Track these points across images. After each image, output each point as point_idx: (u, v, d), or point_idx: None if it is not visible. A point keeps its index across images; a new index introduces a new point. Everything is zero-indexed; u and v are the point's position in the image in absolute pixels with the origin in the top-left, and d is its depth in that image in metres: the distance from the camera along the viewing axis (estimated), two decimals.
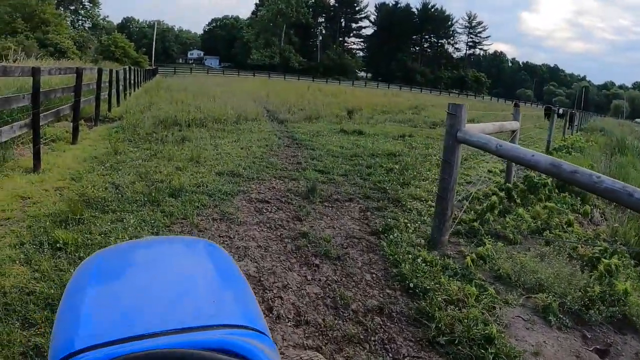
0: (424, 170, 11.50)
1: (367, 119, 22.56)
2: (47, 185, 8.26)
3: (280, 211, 7.73)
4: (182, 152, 11.50)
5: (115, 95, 21.74)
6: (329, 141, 14.68)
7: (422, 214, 8.08)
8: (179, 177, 8.96)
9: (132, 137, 13.39)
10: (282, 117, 20.76)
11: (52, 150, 11.40)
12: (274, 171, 10.36)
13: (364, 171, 10.88)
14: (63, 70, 12.39)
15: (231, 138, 14.20)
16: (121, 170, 9.45)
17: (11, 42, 49.87)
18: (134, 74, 32.20)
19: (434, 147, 15.37)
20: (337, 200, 8.56)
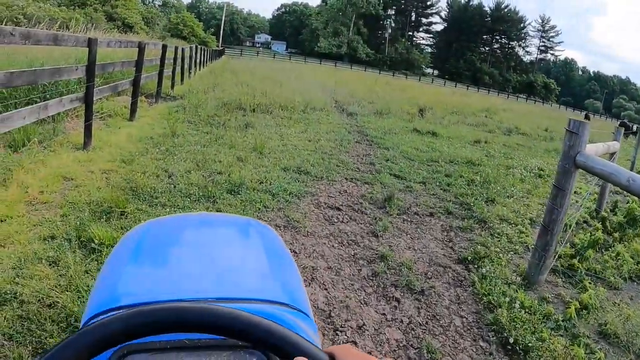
0: (508, 185, 10.30)
1: (439, 119, 21.21)
2: (94, 166, 7.51)
3: (353, 222, 6.68)
4: (245, 139, 10.58)
5: (179, 73, 21.04)
6: (402, 141, 13.52)
7: (513, 241, 6.95)
8: (239, 169, 8.04)
9: (193, 119, 12.56)
10: (352, 109, 19.61)
11: (106, 126, 10.73)
12: (345, 171, 9.31)
13: (444, 180, 9.76)
14: (124, 43, 11.51)
15: (298, 128, 13.24)
16: (177, 155, 8.60)
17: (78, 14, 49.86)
18: (200, 52, 31.57)
19: (514, 157, 14.09)
20: (416, 214, 7.48)
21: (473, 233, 7.04)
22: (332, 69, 71.89)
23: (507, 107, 41.47)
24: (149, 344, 1.16)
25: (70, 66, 7.90)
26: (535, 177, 11.72)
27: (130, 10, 67.44)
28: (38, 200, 5.91)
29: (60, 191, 6.33)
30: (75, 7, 58.66)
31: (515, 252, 6.54)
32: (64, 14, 40.76)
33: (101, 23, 47.54)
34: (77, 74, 8.08)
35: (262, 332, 0.93)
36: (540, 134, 22.71)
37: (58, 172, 6.92)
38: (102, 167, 7.45)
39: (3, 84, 5.58)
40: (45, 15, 35.20)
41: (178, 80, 20.50)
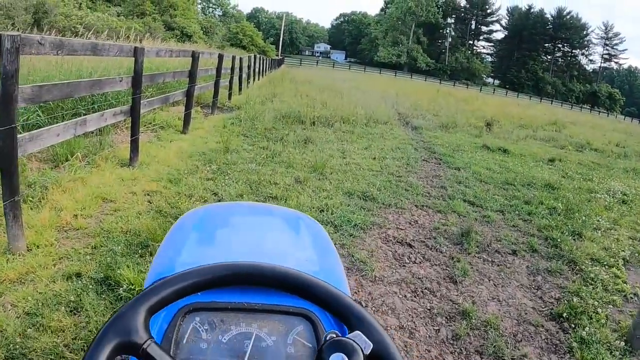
0: (592, 213, 9.15)
1: (507, 134, 20.03)
2: (137, 185, 6.85)
3: (426, 263, 5.73)
4: (304, 157, 9.75)
5: (237, 83, 20.46)
6: (473, 159, 12.47)
7: (609, 289, 5.89)
8: (298, 194, 7.20)
9: (249, 132, 11.85)
10: (416, 122, 18.57)
11: (158, 138, 10.15)
12: (415, 197, 8.33)
13: (523, 208, 8.68)
14: (175, 53, 10.82)
15: (361, 144, 12.29)
16: (229, 175, 7.84)
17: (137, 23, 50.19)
18: (259, 62, 31.08)
19: (592, 178, 12.86)
20: (497, 252, 6.47)
21: (563, 277, 6.04)
22: (392, 78, 71.04)
23: (574, 120, 40.03)
24: (211, 304, 1.29)
25: (112, 78, 7.17)
26: (620, 204, 10.54)
27: (189, 20, 67.97)
28: (71, 226, 5.29)
29: (97, 215, 5.71)
30: (134, 17, 59.25)
31: (613, 305, 5.49)
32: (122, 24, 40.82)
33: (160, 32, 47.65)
34: (121, 85, 7.35)
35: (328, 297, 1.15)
36: (613, 150, 21.33)
37: (97, 192, 6.29)
38: (146, 188, 6.75)
39: (31, 99, 4.84)
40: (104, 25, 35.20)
41: (236, 90, 20.02)
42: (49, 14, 40.23)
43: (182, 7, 71.21)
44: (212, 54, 15.95)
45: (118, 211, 5.85)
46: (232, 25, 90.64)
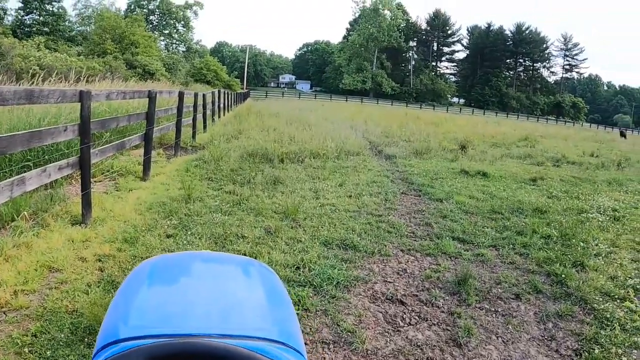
0: (589, 237, 8.53)
1: (482, 154, 19.52)
2: (89, 249, 6.07)
3: (423, 323, 4.98)
4: (274, 201, 8.99)
5: (202, 120, 19.75)
6: (453, 188, 11.77)
7: (627, 329, 5.26)
8: (269, 249, 6.40)
9: (214, 175, 11.11)
10: (389, 151, 17.86)
11: (115, 188, 9.37)
12: (399, 239, 7.56)
13: (517, 240, 8.00)
14: (129, 94, 10.03)
15: (334, 180, 11.50)
16: (191, 230, 7.06)
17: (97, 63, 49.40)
18: (223, 97, 30.53)
19: (578, 196, 12.33)
20: (499, 299, 5.75)
21: (576, 321, 5.37)
22: (359, 105, 70.88)
23: (544, 133, 40.18)
24: None
25: (54, 127, 6.39)
26: (613, 221, 10.02)
27: (151, 57, 67.09)
28: (10, 306, 4.61)
29: (41, 290, 4.99)
30: (94, 57, 58.36)
31: (636, 347, 4.88)
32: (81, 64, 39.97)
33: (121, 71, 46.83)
34: (66, 135, 6.59)
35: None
36: (590, 162, 21.08)
37: (44, 260, 5.57)
38: (98, 251, 5.98)
39: None
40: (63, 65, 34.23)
41: (200, 127, 19.44)
42: (6, 56, 39.31)
43: (144, 44, 70.52)
44: (172, 92, 15.19)
45: (65, 283, 5.12)
46: (196, 60, 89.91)
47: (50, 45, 63.06)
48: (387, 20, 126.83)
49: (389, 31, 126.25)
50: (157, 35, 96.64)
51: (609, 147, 32.05)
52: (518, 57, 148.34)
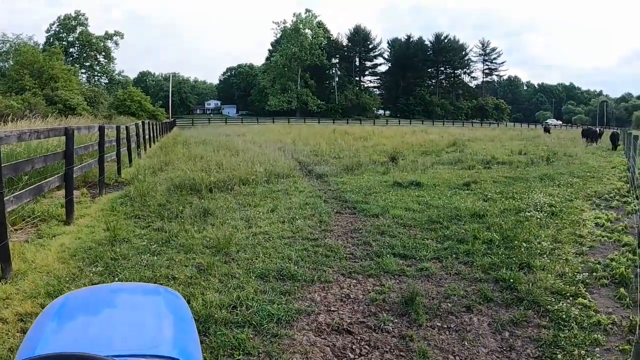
0: (531, 236, 8.56)
1: (413, 164, 19.51)
2: (9, 308, 5.51)
3: (375, 352, 4.71)
4: (204, 235, 8.54)
5: (127, 154, 19.11)
6: (388, 201, 11.60)
7: (584, 326, 5.19)
8: (202, 290, 5.96)
9: (141, 212, 10.56)
10: (319, 170, 17.60)
11: (38, 236, 8.72)
12: (339, 262, 7.26)
13: (459, 249, 7.86)
14: (43, 133, 9.44)
15: (266, 207, 11.07)
16: (119, 276, 6.56)
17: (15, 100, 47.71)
18: (148, 128, 29.77)
19: (513, 195, 12.49)
20: (450, 314, 5.54)
21: (532, 326, 5.26)
22: (286, 125, 70.68)
23: (471, 136, 40.99)
24: None
25: None
26: (550, 217, 10.23)
27: (71, 92, 65.32)
28: None
29: None
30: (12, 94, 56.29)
31: (597, 344, 4.84)
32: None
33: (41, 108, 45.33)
34: None
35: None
36: (520, 160, 21.73)
37: None
38: (20, 310, 5.44)
39: None
40: None
41: (126, 161, 18.72)
42: None
43: (64, 78, 68.51)
44: (92, 127, 14.62)
45: None
46: (119, 92, 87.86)
47: None
48: (308, 39, 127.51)
49: (311, 50, 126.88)
50: (78, 68, 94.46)
51: (535, 144, 32.89)
52: (439, 66, 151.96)
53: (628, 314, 5.57)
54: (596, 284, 6.53)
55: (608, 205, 12.02)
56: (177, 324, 2.14)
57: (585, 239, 8.71)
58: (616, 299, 6.03)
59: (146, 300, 2.40)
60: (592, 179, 16.57)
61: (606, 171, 19.33)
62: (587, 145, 36.17)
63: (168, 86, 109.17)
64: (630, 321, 5.29)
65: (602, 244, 8.57)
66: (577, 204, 11.76)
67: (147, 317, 2.13)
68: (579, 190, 13.74)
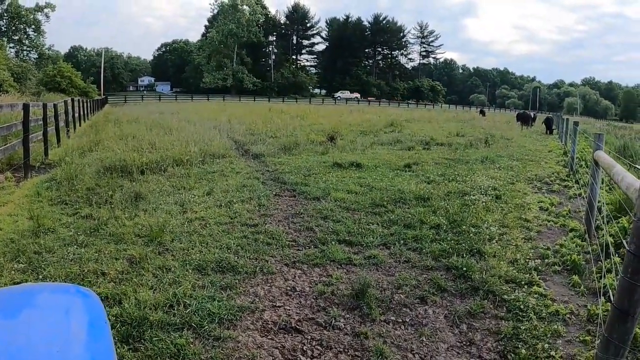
0: (478, 221, 8.41)
1: (352, 144, 19.26)
2: None
3: (328, 353, 4.36)
4: (136, 222, 7.95)
5: (54, 134, 18.18)
6: (329, 184, 11.23)
7: (543, 316, 5.05)
8: (135, 287, 5.45)
9: (68, 197, 9.86)
10: (256, 150, 17.11)
11: None
12: (281, 251, 6.85)
13: (407, 235, 7.58)
14: None
15: (201, 189, 10.54)
16: (43, 272, 5.93)
17: None
18: (78, 105, 28.54)
19: (456, 178, 12.40)
20: (404, 307, 5.25)
21: (490, 317, 5.06)
22: (221, 103, 69.35)
23: (408, 117, 41.11)
24: None
25: None
26: (495, 200, 10.12)
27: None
28: None
29: None
30: None
31: (558, 336, 4.69)
32: None
33: None
34: None
35: None
36: (459, 142, 21.85)
37: None
38: None
39: None
40: None
41: (55, 142, 17.79)
42: None
43: None
44: (15, 105, 13.68)
45: None
46: (48, 67, 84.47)
47: None
48: (246, 15, 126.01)
49: (249, 27, 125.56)
50: (6, 42, 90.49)
51: (471, 126, 33.14)
52: (377, 47, 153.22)
53: (584, 302, 5.43)
54: (548, 270, 6.39)
55: (549, 189, 11.99)
56: (90, 334, 1.91)
57: (532, 224, 8.59)
58: (570, 287, 5.89)
59: (55, 305, 2.12)
60: (530, 162, 16.65)
61: (543, 154, 19.53)
62: (522, 128, 36.73)
63: (100, 62, 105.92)
64: (588, 311, 5.13)
65: (549, 228, 8.46)
66: (520, 187, 11.70)
67: (55, 326, 1.87)
68: (519, 174, 13.73)
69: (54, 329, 1.85)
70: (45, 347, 1.68)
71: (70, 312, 2.05)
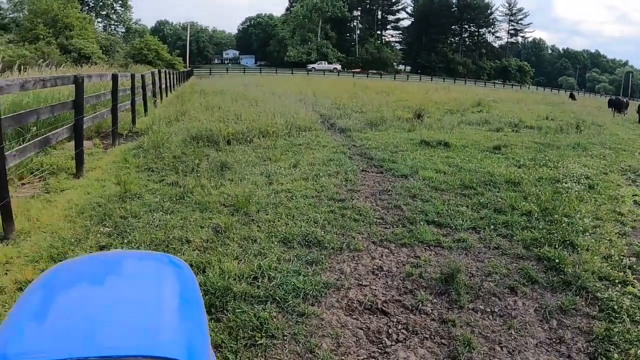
0: (570, 210, 7.81)
1: (438, 122, 18.73)
2: (9, 275, 4.97)
3: (414, 338, 4.09)
4: (221, 191, 7.91)
5: (142, 103, 18.52)
6: (417, 162, 10.85)
7: (636, 319, 4.56)
8: (219, 257, 5.35)
9: (155, 164, 9.95)
10: (342, 124, 16.86)
11: (45, 190, 8.10)
12: (368, 228, 6.59)
13: (497, 220, 7.14)
14: (50, 81, 8.63)
15: (287, 161, 10.42)
16: (128, 237, 5.95)
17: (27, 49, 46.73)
18: (165, 76, 29.00)
19: (547, 163, 11.70)
20: (494, 295, 4.90)
21: (581, 315, 4.63)
22: (305, 77, 69.28)
23: (495, 97, 39.74)
24: None
25: None
26: (589, 190, 9.40)
27: (86, 40, 63.96)
28: None
29: None
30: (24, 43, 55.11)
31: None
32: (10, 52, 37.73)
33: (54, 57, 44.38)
34: None
35: None
36: (549, 126, 20.61)
37: None
38: (19, 277, 4.86)
39: None
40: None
41: (141, 111, 18.05)
42: None
43: (79, 26, 66.70)
44: (104, 75, 13.86)
45: None
46: (135, 40, 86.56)
47: None
48: None
49: (333, 1, 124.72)
50: (94, 17, 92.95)
51: (561, 110, 31.81)
52: (463, 23, 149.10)
53: None
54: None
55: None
56: (184, 308, 1.85)
57: (627, 218, 7.88)
58: None
59: (148, 275, 2.09)
60: (623, 151, 15.52)
61: (637, 144, 18.36)
62: (614, 115, 34.97)
63: (186, 35, 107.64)
64: None
65: None
66: (613, 178, 10.85)
67: (146, 299, 1.84)
68: (612, 163, 12.71)
69: (148, 304, 1.82)
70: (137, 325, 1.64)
71: (165, 285, 2.01)
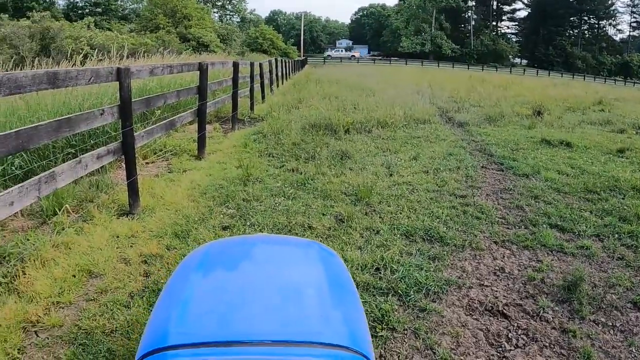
0: None
1: (558, 120, 17.98)
2: (134, 247, 5.24)
3: (533, 345, 3.96)
4: (342, 180, 8.00)
5: (259, 90, 19.05)
6: (538, 161, 10.47)
7: None
8: (343, 244, 5.41)
9: (275, 150, 10.22)
10: (460, 118, 16.54)
11: (168, 170, 8.55)
12: (490, 227, 6.44)
13: (621, 229, 6.71)
14: (176, 68, 8.96)
15: (407, 153, 10.34)
16: (250, 220, 6.14)
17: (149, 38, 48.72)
18: (281, 65, 29.67)
19: None
20: (615, 309, 4.63)
21: None
22: (419, 68, 68.63)
23: (617, 96, 37.59)
24: None
25: (88, 112, 5.43)
26: None
27: (204, 29, 65.94)
28: (42, 325, 3.86)
29: (77, 302, 4.20)
30: (146, 32, 57.49)
31: None
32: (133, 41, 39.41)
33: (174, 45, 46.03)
34: (104, 119, 5.70)
35: None
36: None
37: (83, 263, 4.76)
38: (144, 250, 5.14)
39: None
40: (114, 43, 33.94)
41: (259, 97, 18.61)
42: (56, 38, 38.94)
43: (197, 17, 69.01)
44: (226, 63, 14.30)
45: (105, 293, 4.34)
46: (251, 30, 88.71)
47: (104, 25, 62.83)
48: None
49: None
50: (210, 7, 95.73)
51: None
52: (582, 15, 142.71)
53: None
54: None
55: None
56: (342, 297, 1.82)
57: None
58: None
59: (301, 260, 2.11)
60: None
61: None
62: None
63: (299, 25, 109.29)
64: None
65: None
66: None
67: (305, 285, 1.82)
68: None
69: (305, 282, 1.83)
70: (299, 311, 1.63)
71: (319, 272, 2.00)
